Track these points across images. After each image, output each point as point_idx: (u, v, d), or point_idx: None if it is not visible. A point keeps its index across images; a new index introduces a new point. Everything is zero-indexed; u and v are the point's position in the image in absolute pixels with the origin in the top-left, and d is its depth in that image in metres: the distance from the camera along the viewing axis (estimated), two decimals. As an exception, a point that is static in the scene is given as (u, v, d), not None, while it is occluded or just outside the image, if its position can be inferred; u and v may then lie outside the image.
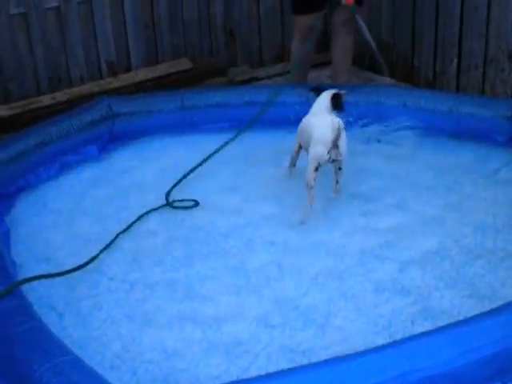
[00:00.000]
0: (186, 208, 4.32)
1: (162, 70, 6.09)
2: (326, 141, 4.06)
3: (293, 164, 4.58)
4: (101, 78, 5.91)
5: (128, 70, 6.01)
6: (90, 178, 4.77)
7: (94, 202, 4.51)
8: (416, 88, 5.87)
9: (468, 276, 3.65)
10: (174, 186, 4.50)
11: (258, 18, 6.44)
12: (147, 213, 4.26)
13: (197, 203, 4.35)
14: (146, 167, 4.87)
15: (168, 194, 4.41)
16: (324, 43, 6.13)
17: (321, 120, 4.19)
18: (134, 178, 4.74)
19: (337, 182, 4.29)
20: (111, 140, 5.10)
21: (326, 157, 4.08)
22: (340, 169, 4.21)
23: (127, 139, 5.12)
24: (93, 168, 4.86)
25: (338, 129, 4.04)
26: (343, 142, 4.12)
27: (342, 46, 5.60)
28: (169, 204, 4.34)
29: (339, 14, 5.46)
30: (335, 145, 4.06)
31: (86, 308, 3.56)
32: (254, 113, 5.08)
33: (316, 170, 4.09)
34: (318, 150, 4.08)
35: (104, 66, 5.91)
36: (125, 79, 5.94)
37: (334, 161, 4.15)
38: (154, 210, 4.29)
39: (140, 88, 5.79)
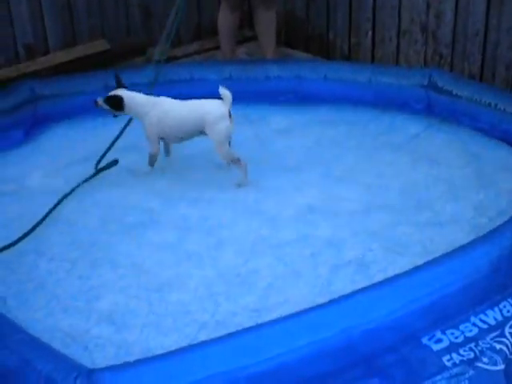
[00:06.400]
0: (109, 167, 4.46)
1: (79, 51, 6.02)
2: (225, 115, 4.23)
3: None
4: (18, 62, 5.82)
5: (46, 53, 5.93)
6: (17, 162, 4.73)
7: (22, 186, 4.48)
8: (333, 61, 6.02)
9: (397, 235, 3.83)
10: (102, 156, 4.55)
11: (173, -4, 6.45)
12: (78, 185, 4.30)
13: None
14: (74, 149, 4.85)
15: (97, 163, 4.50)
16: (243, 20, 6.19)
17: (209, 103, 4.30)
18: (62, 161, 4.72)
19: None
20: (36, 123, 5.07)
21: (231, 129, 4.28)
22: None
23: (52, 122, 5.10)
24: (19, 152, 4.82)
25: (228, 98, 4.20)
26: None
27: (264, 22, 5.71)
28: (96, 170, 4.45)
29: None
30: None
31: (29, 290, 3.56)
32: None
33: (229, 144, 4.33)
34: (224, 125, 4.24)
35: (21, 50, 5.82)
36: (43, 62, 5.85)
37: None
38: (85, 181, 4.34)
39: (59, 71, 5.71)
